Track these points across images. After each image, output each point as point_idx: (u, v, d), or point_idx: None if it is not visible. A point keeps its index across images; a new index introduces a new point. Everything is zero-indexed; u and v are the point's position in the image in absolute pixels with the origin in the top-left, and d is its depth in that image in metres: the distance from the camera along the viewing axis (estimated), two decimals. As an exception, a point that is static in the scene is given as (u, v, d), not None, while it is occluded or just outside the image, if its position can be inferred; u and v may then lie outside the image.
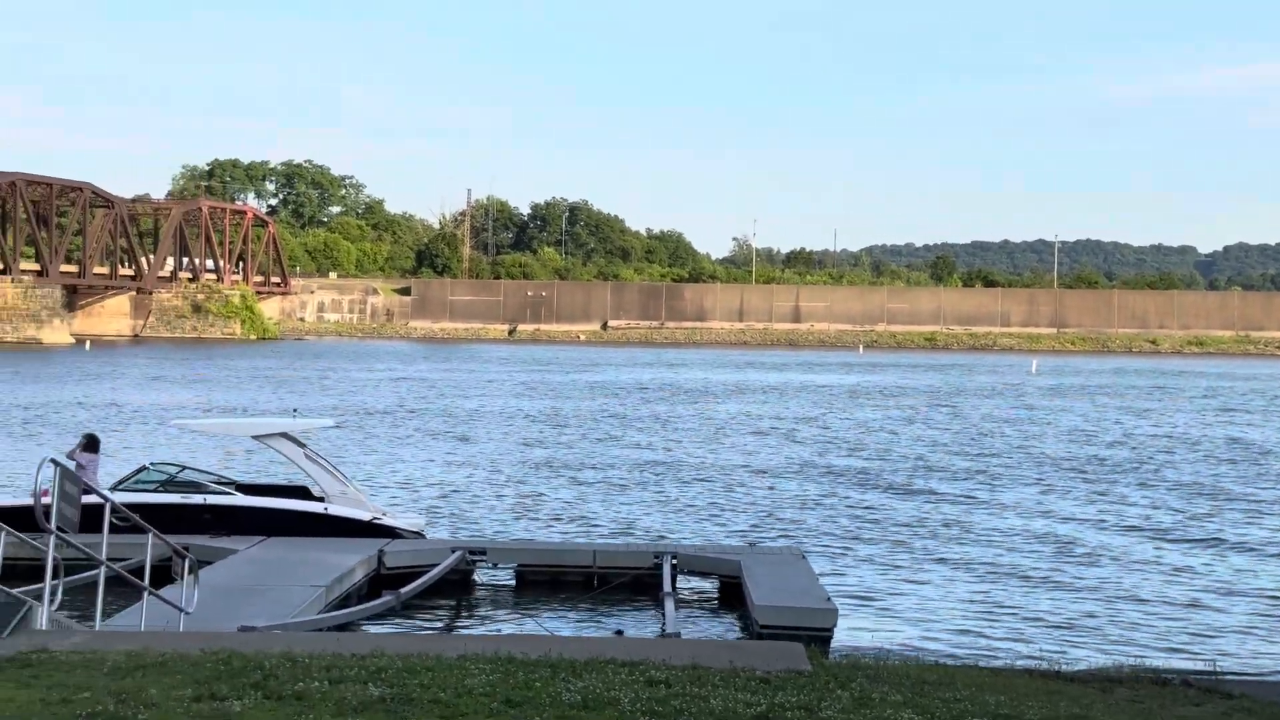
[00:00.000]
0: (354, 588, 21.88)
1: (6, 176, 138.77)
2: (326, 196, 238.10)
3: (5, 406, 58.43)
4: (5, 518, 18.65)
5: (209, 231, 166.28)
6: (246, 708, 9.32)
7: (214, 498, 25.14)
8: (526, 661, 11.44)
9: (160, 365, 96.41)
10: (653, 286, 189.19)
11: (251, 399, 66.10)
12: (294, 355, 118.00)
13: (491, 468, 40.78)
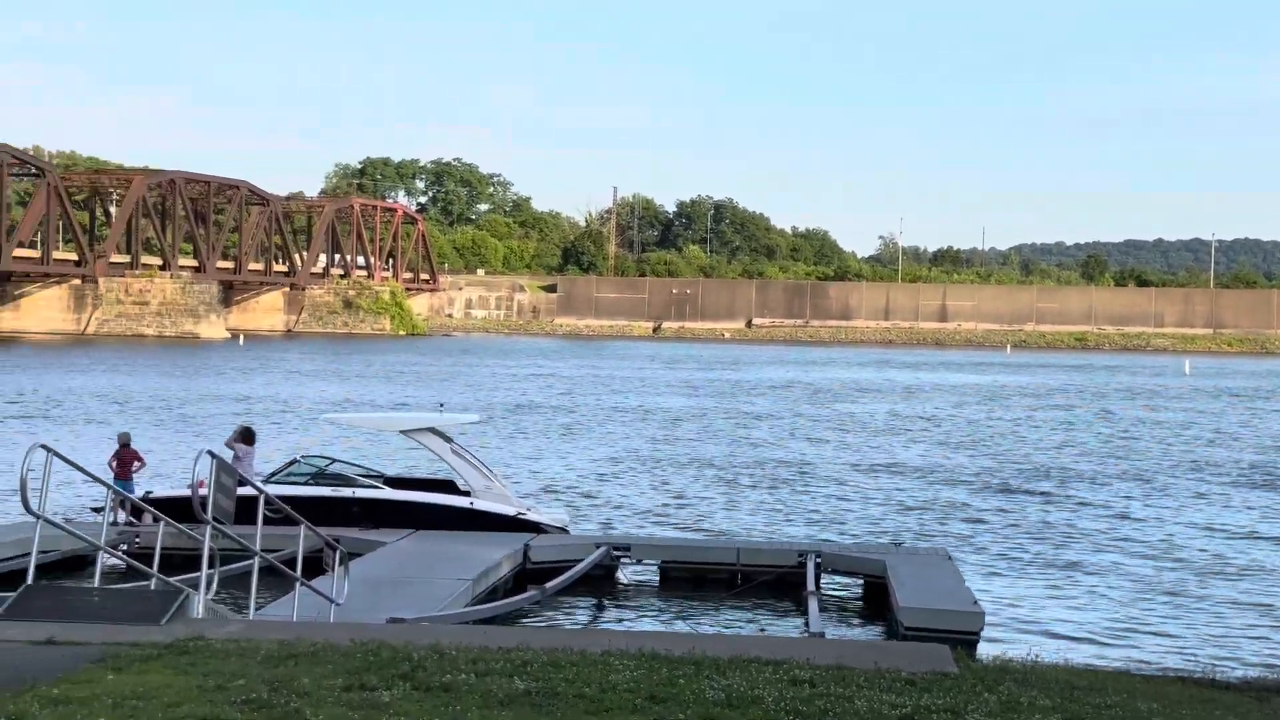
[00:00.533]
0: (500, 582, 22.09)
1: (166, 175, 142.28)
2: (475, 194, 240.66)
3: (163, 399, 59.92)
4: (164, 508, 19.13)
5: (360, 229, 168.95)
6: (395, 698, 9.44)
7: (363, 491, 25.53)
8: (670, 658, 11.46)
9: (311, 360, 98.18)
10: (798, 285, 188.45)
11: (400, 394, 67.05)
12: (441, 351, 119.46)
13: (635, 464, 40.90)
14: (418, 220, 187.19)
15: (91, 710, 8.72)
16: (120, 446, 25.67)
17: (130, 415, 51.37)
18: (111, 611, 13.14)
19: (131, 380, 71.83)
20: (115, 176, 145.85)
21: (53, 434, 43.07)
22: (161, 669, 10.38)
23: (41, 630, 12.09)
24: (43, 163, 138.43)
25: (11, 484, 29.70)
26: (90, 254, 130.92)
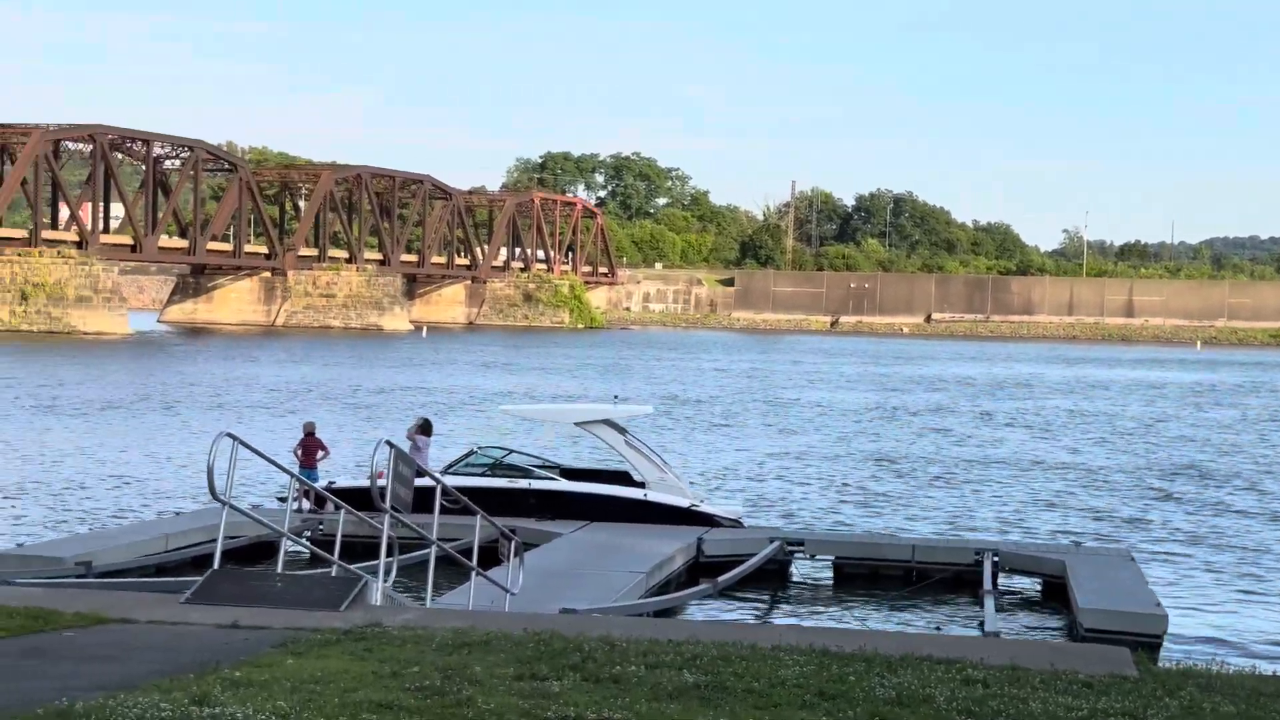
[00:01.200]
0: (673, 574, 22.15)
1: (353, 170, 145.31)
2: (653, 188, 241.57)
3: (347, 389, 61.23)
4: (346, 497, 19.54)
5: (540, 222, 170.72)
6: (565, 688, 9.52)
7: (538, 482, 25.79)
8: (841, 655, 11.38)
9: (491, 352, 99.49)
10: (978, 279, 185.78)
11: (577, 386, 67.62)
12: (619, 344, 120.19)
13: (810, 459, 40.71)
14: (597, 214, 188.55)
15: (271, 693, 8.93)
16: (305, 436, 26.27)
17: (315, 405, 52.58)
18: (293, 597, 13.46)
19: (317, 371, 73.54)
20: (304, 172, 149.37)
21: (240, 423, 44.25)
22: (339, 654, 10.60)
23: (226, 614, 12.43)
24: (236, 159, 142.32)
25: (201, 472, 30.59)
26: (280, 247, 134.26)
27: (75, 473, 33.66)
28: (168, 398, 54.40)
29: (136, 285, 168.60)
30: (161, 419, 46.79)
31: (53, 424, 44.05)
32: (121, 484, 32.18)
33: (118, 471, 34.10)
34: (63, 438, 40.31)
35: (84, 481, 32.30)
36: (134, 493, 31.02)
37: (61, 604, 12.75)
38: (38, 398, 52.56)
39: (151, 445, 39.43)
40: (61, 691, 8.85)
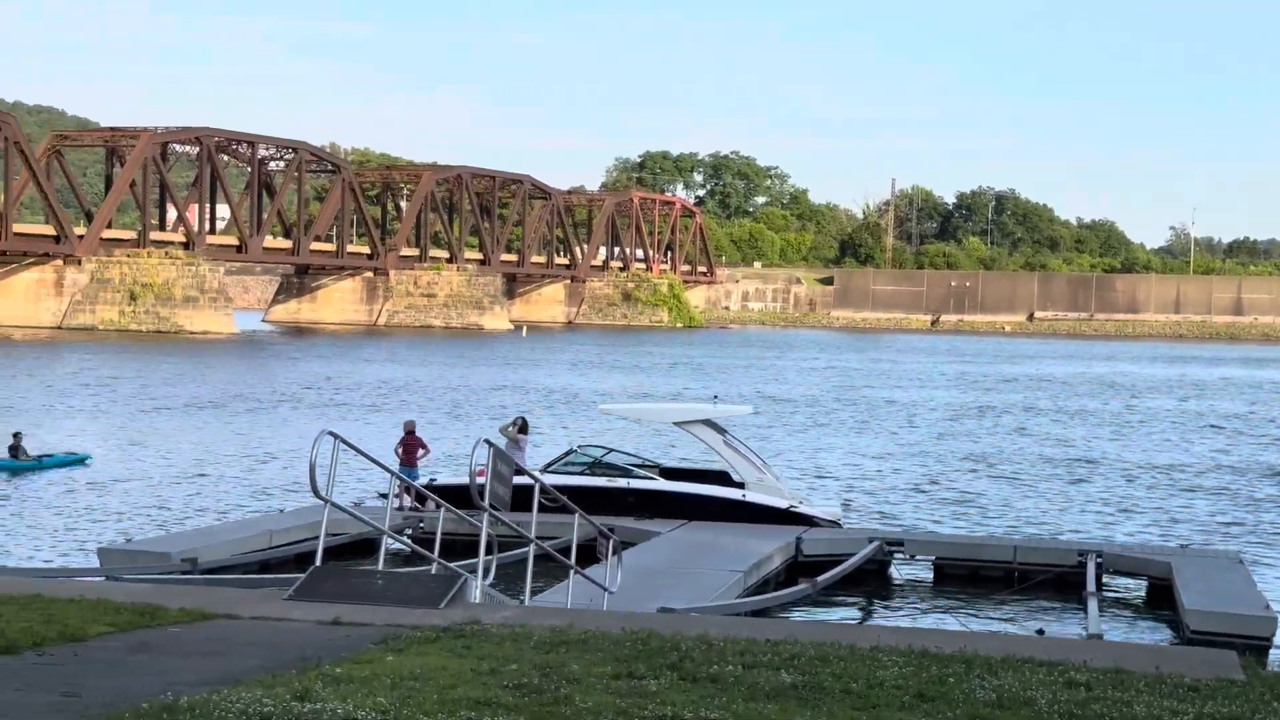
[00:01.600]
0: (771, 574, 22.09)
1: (453, 170, 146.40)
2: (752, 187, 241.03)
3: (448, 388, 61.70)
4: (446, 495, 19.68)
5: (639, 222, 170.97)
6: (662, 687, 9.52)
7: (637, 481, 25.81)
8: (940, 656, 11.29)
9: (590, 351, 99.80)
10: (1082, 277, 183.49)
11: (675, 385, 67.64)
12: (717, 343, 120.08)
13: (910, 459, 40.42)
14: (695, 213, 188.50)
15: (371, 690, 9.01)
16: (405, 434, 26.50)
17: (416, 404, 53.03)
18: (393, 594, 13.58)
19: (418, 370, 74.17)
20: (405, 172, 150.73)
21: (342, 421, 44.73)
22: (439, 652, 10.68)
23: (328, 611, 12.56)
24: (338, 160, 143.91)
25: (303, 469, 30.91)
26: (381, 247, 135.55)
27: (182, 470, 34.20)
28: (272, 396, 55.13)
29: (242, 285, 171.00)
30: (265, 417, 47.43)
31: (160, 422, 44.80)
32: (226, 481, 32.66)
33: (223, 469, 34.61)
34: (170, 436, 40.98)
35: (190, 479, 32.82)
36: (238, 490, 31.46)
37: (168, 600, 12.95)
38: (146, 396, 53.48)
39: (255, 443, 39.98)
40: (167, 686, 8.99)
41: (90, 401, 51.06)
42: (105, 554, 21.10)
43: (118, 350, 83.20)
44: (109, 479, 32.31)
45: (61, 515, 27.44)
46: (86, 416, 45.80)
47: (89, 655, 10.15)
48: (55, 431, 40.55)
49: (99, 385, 57.86)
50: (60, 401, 50.63)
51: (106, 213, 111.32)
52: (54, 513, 27.67)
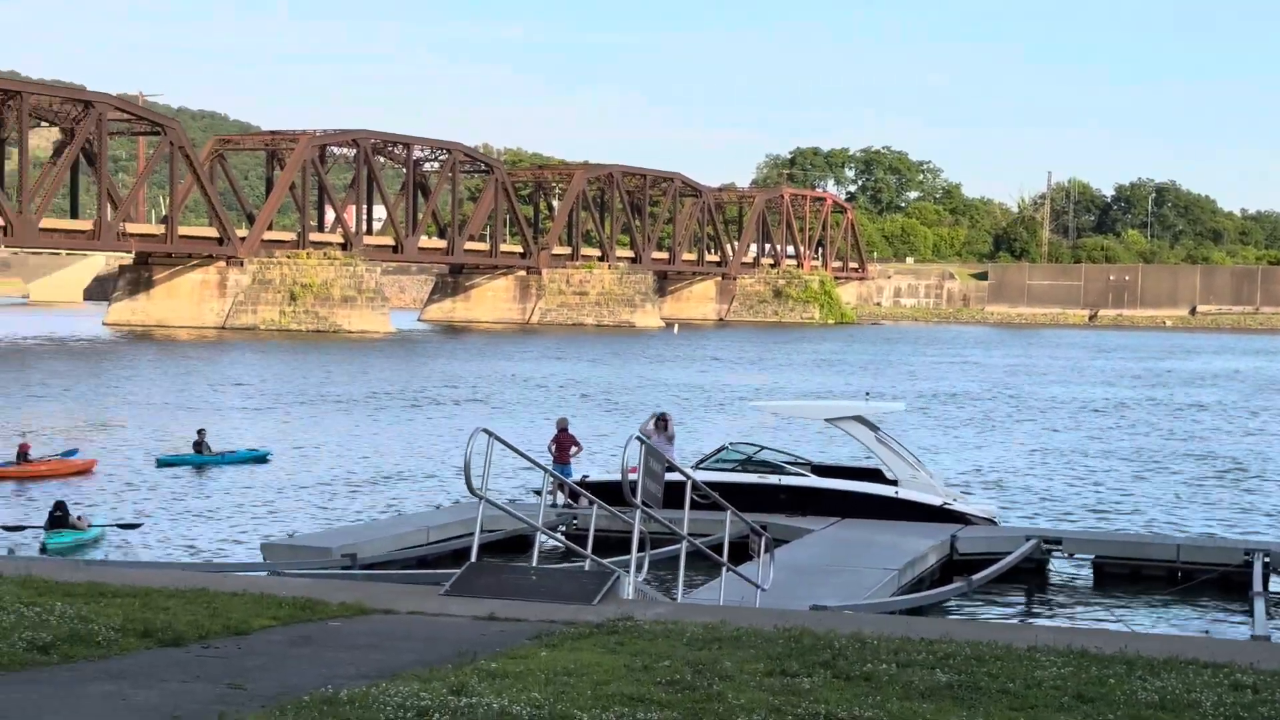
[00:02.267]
0: (926, 572, 21.88)
1: (605, 169, 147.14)
2: (904, 182, 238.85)
3: (601, 386, 62.02)
4: (599, 492, 19.80)
5: (790, 218, 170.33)
6: (815, 685, 9.47)
7: (789, 479, 25.72)
8: (1100, 656, 11.08)
9: (741, 348, 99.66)
10: (1247, 270, 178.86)
11: (827, 382, 67.27)
12: (870, 339, 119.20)
13: (1068, 456, 39.75)
14: (847, 209, 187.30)
15: (525, 685, 9.09)
16: (559, 431, 26.70)
17: (569, 401, 53.41)
18: (547, 590, 13.67)
19: (570, 367, 74.68)
20: (557, 171, 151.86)
21: (496, 419, 45.19)
22: (592, 647, 10.74)
23: (483, 606, 12.69)
24: (491, 160, 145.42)
25: (459, 466, 31.31)
26: (534, 246, 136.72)
27: (340, 466, 34.84)
28: (427, 394, 55.91)
29: (398, 285, 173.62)
30: (421, 415, 48.12)
31: (320, 420, 45.67)
32: (385, 478, 33.19)
33: (380, 465, 35.18)
34: (329, 433, 41.75)
35: (349, 475, 33.41)
36: (396, 486, 31.95)
37: (328, 594, 13.18)
38: (305, 395, 54.56)
39: (412, 440, 40.57)
40: (327, 679, 9.15)
41: (260, 399, 52.24)
42: (268, 549, 21.56)
43: (279, 350, 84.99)
44: (282, 475, 33.09)
45: (235, 510, 28.13)
46: (259, 414, 46.86)
47: (252, 648, 10.38)
48: (236, 429, 41.58)
49: (266, 383, 59.17)
50: (235, 400, 51.87)
51: (267, 215, 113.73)
52: (231, 508, 28.39)
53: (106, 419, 44.09)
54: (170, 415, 45.73)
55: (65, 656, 9.59)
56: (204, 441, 34.59)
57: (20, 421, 33.19)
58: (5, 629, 9.93)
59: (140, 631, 10.45)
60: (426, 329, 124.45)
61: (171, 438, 38.76)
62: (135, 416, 45.09)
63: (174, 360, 73.70)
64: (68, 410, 46.48)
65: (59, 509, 24.30)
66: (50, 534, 23.92)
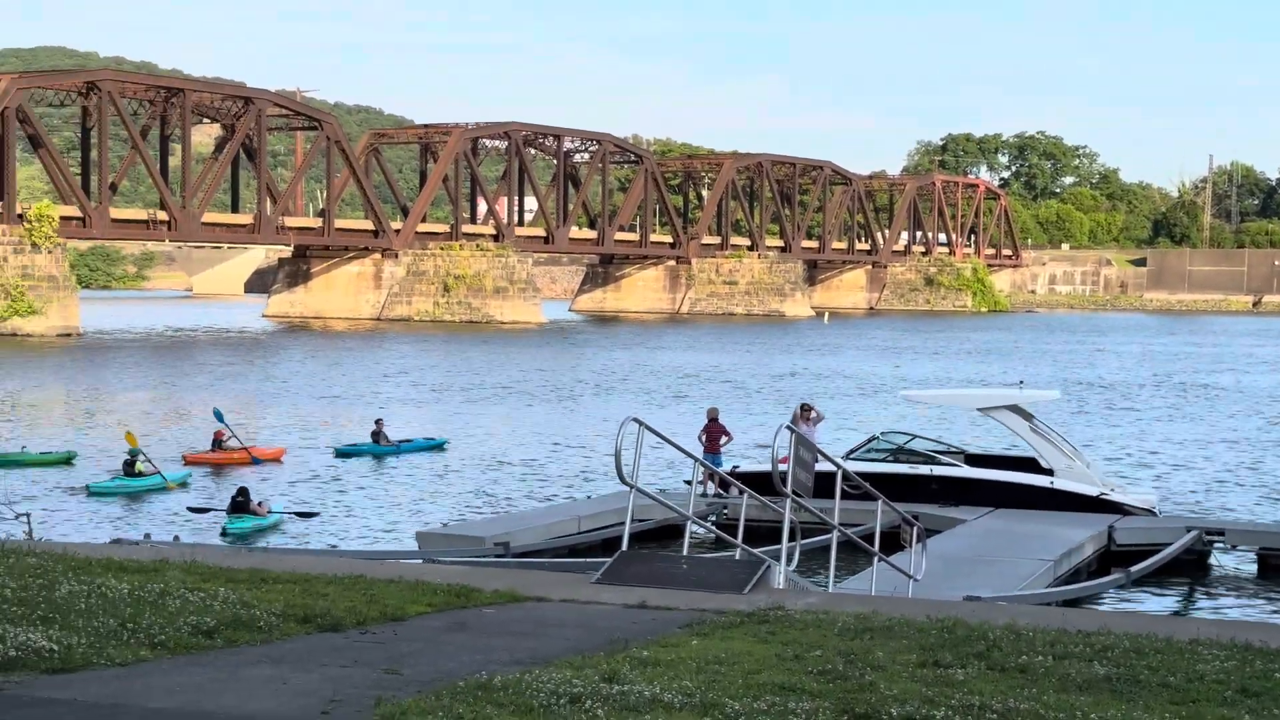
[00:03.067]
0: (1083, 563, 21.52)
1: (754, 158, 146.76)
2: (1059, 167, 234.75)
3: (750, 375, 61.92)
4: (748, 481, 19.77)
5: (941, 205, 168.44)
6: (969, 676, 9.37)
7: (940, 469, 25.45)
8: (1265, 651, 10.81)
9: (892, 337, 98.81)
10: None
11: (980, 371, 66.43)
12: (1024, 327, 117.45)
13: (1230, 445, 38.81)
14: (1000, 195, 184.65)
15: (677, 673, 9.12)
16: (709, 421, 26.71)
17: (719, 391, 53.39)
18: (698, 579, 13.69)
19: (720, 357, 74.64)
20: (706, 161, 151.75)
21: (646, 408, 45.34)
22: (743, 636, 10.74)
23: (634, 595, 12.75)
24: (641, 150, 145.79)
25: (609, 456, 31.42)
26: (683, 236, 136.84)
27: (493, 455, 35.23)
28: (578, 384, 56.28)
29: (549, 276, 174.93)
30: (572, 405, 48.47)
31: (474, 410, 46.22)
32: (537, 467, 33.48)
33: (533, 455, 35.50)
34: (482, 423, 42.23)
35: (502, 464, 33.77)
36: (547, 475, 32.22)
37: (481, 582, 13.34)
38: (461, 385, 55.25)
39: (564, 430, 40.88)
40: (481, 665, 9.27)
41: (418, 390, 53.02)
42: (423, 537, 21.88)
43: (433, 340, 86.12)
44: (449, 463, 33.60)
45: (402, 499, 28.65)
46: (420, 405, 47.55)
47: (408, 634, 10.54)
48: (402, 418, 42.30)
49: (423, 374, 60.03)
50: (395, 390, 52.71)
51: (421, 207, 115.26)
52: (398, 497, 28.94)
53: (285, 410, 45.10)
54: (342, 406, 46.66)
55: (228, 641, 9.83)
56: (381, 431, 35.27)
57: (220, 411, 34.25)
58: (171, 613, 10.21)
59: (300, 617, 10.67)
60: (577, 319, 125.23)
61: (348, 429, 39.51)
62: (310, 407, 46.07)
63: (334, 351, 75.11)
64: (248, 401, 47.66)
65: (241, 494, 25.11)
66: (231, 518, 24.69)
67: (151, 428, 38.66)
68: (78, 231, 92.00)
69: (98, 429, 39.23)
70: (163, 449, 33.44)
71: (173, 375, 58.59)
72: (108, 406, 45.65)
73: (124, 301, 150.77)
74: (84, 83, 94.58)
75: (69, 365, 63.04)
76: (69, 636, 9.22)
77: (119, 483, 28.61)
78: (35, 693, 8.01)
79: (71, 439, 36.45)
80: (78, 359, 66.89)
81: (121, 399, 48.33)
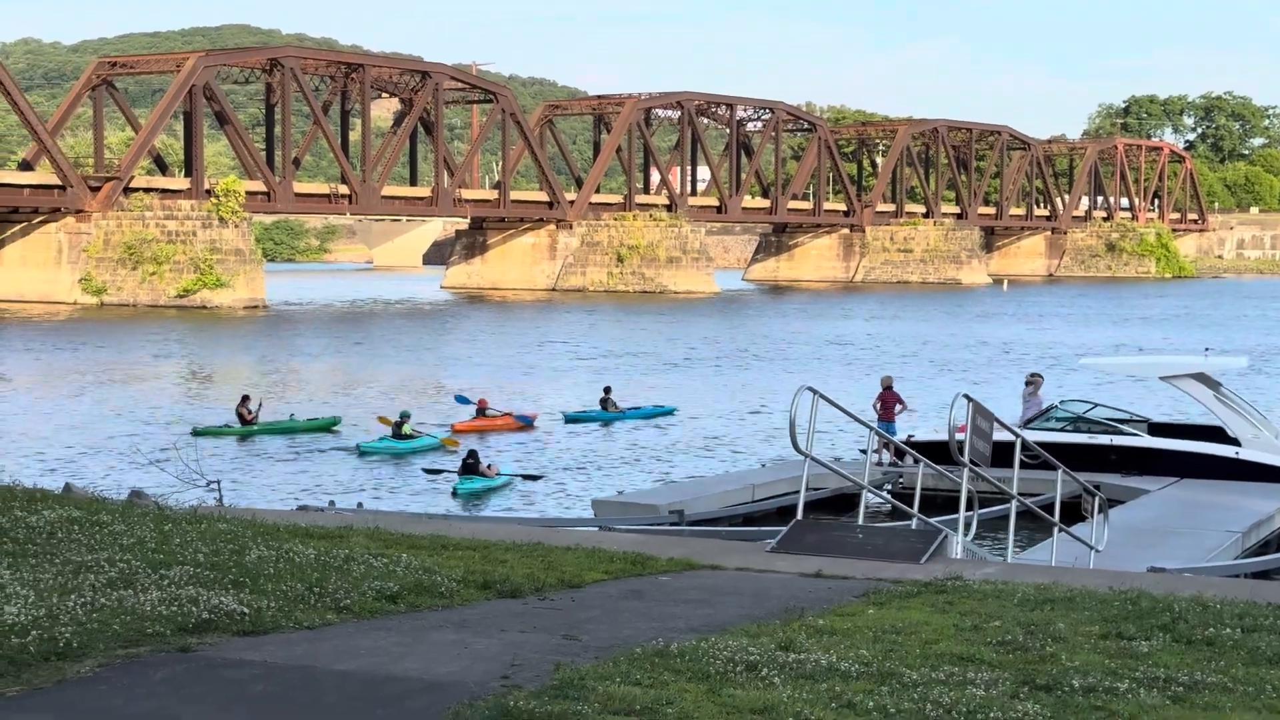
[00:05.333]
0: (1272, 535, 20.96)
1: (929, 124, 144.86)
2: (1248, 128, 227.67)
3: (924, 343, 61.26)
4: (924, 451, 19.60)
5: (1124, 169, 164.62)
6: (1154, 649, 9.19)
7: (1121, 438, 24.94)
8: None
9: (1073, 304, 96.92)
10: None
11: (1164, 338, 64.88)
12: (1210, 294, 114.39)
13: None
14: (1185, 158, 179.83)
15: (853, 642, 9.09)
16: (883, 389, 26.53)
17: (893, 359, 52.94)
18: (874, 548, 13.63)
19: (896, 325, 73.96)
20: (880, 128, 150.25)
21: (820, 377, 45.10)
22: (920, 606, 10.67)
23: (809, 564, 12.73)
24: (814, 118, 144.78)
25: (783, 425, 31.38)
26: (857, 204, 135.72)
27: (668, 423, 35.41)
28: (752, 353, 56.22)
29: (722, 245, 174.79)
30: (746, 373, 48.44)
31: (648, 379, 46.42)
32: (710, 436, 33.56)
33: (707, 423, 35.59)
34: (658, 391, 42.39)
35: (677, 432, 33.91)
36: (721, 443, 32.29)
37: (656, 549, 13.43)
38: (634, 354, 55.54)
39: (737, 398, 40.89)
40: (659, 632, 9.34)
41: (598, 359, 53.49)
42: (599, 505, 22.08)
43: (607, 310, 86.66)
44: (680, 429, 34.06)
45: (626, 462, 29.22)
46: (638, 373, 47.96)
47: (585, 600, 10.65)
48: (628, 387, 42.89)
49: (601, 343, 60.52)
50: (572, 359, 53.27)
51: (595, 178, 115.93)
52: (623, 459, 29.53)
53: (497, 379, 45.80)
54: (547, 377, 47.28)
55: (411, 605, 10.03)
56: (610, 399, 36.04)
57: (466, 381, 35.63)
58: (356, 578, 10.45)
59: (480, 583, 10.85)
60: (751, 288, 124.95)
61: (574, 395, 40.55)
62: (517, 377, 46.64)
63: (515, 321, 76.05)
64: (460, 372, 48.53)
65: (471, 457, 25.98)
66: (462, 479, 25.57)
67: (390, 401, 39.38)
68: (263, 206, 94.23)
69: (350, 396, 40.89)
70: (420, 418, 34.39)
71: (374, 346, 59.84)
72: (348, 377, 46.95)
73: (307, 274, 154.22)
74: (268, 60, 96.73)
75: (265, 336, 64.80)
76: (259, 600, 9.49)
77: (387, 444, 29.97)
78: (227, 654, 8.27)
79: (334, 404, 38.45)
80: (268, 330, 68.71)
81: (351, 371, 49.59)
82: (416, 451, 29.81)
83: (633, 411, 36.36)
